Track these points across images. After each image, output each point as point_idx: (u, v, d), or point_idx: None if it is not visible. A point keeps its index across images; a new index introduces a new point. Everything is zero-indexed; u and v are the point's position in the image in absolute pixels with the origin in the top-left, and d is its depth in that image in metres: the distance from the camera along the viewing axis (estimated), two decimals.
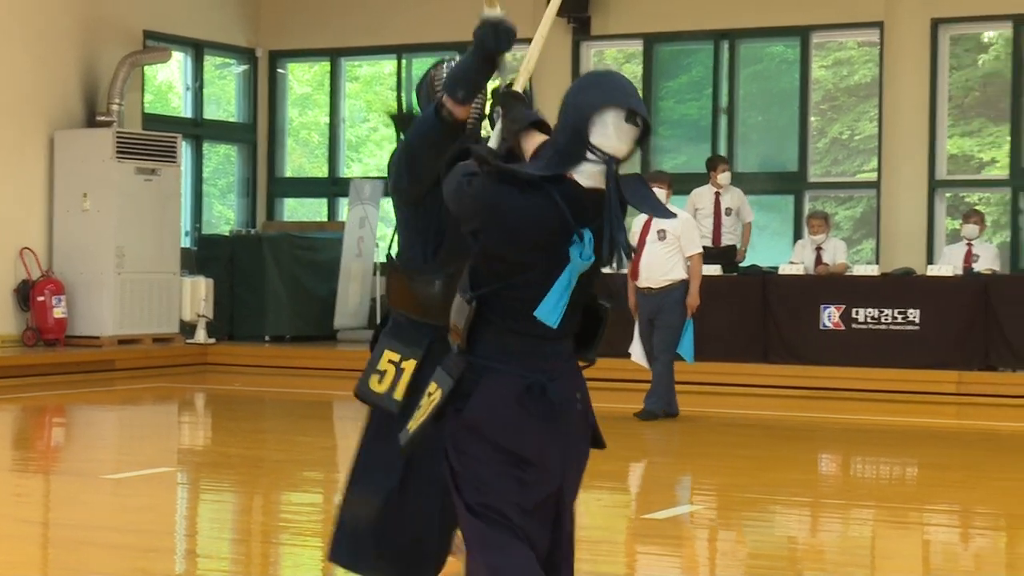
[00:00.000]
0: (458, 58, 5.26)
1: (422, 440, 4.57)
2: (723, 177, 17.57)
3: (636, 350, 13.66)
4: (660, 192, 17.18)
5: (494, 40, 4.96)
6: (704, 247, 14.75)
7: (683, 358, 13.38)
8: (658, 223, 13.34)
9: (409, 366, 5.24)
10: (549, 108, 4.66)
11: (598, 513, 9.21)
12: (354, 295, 20.43)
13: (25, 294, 18.64)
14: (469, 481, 4.46)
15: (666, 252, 13.44)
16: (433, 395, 4.50)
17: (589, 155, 4.36)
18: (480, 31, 4.97)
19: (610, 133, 4.37)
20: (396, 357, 5.26)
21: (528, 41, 4.89)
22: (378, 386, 5.27)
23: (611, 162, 4.36)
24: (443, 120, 5.15)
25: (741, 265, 17.92)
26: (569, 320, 4.47)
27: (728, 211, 17.73)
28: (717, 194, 17.59)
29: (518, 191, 4.37)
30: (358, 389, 5.37)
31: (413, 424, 4.57)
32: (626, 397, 13.77)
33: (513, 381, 4.42)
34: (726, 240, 17.73)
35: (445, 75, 5.35)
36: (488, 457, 4.45)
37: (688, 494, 10.41)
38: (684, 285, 13.44)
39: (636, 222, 13.58)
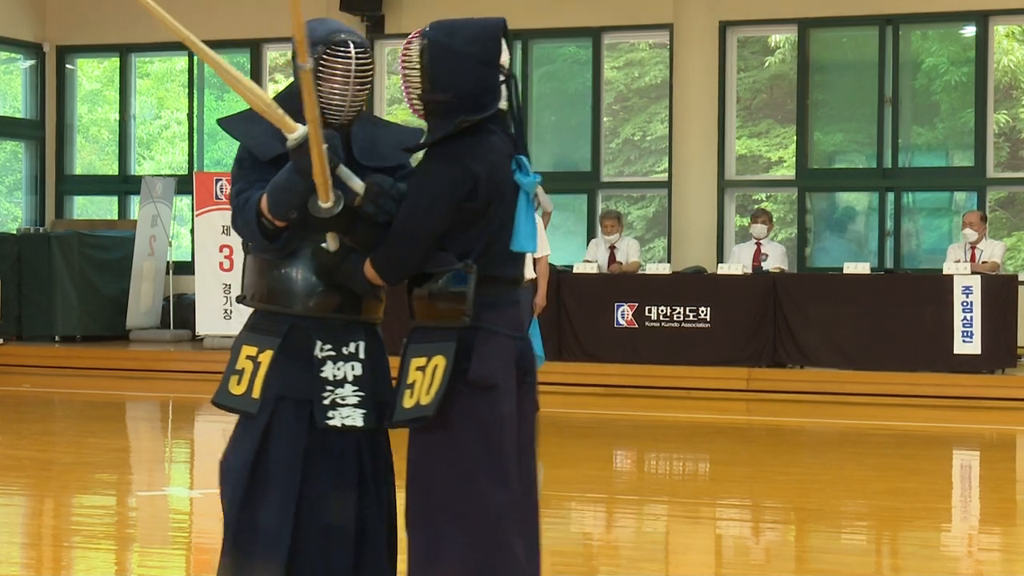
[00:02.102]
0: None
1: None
2: None
3: None
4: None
5: (374, 207, 4.58)
6: None
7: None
8: None
9: (266, 358, 4.88)
10: None
11: None
12: (146, 294, 20.16)
13: None
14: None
15: None
16: (430, 364, 4.43)
17: (500, 77, 4.50)
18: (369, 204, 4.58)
19: (506, 49, 4.52)
20: (253, 351, 4.91)
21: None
22: (236, 388, 4.92)
23: (512, 77, 4.52)
24: (263, 227, 4.80)
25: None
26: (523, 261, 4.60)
27: None
28: None
29: (472, 148, 4.44)
30: (216, 396, 4.98)
31: (427, 397, 4.43)
32: None
33: (507, 344, 4.51)
34: None
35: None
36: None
37: None
38: (532, 285, 13.49)
39: None
